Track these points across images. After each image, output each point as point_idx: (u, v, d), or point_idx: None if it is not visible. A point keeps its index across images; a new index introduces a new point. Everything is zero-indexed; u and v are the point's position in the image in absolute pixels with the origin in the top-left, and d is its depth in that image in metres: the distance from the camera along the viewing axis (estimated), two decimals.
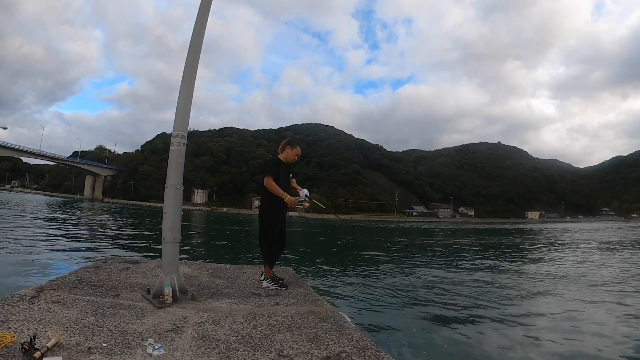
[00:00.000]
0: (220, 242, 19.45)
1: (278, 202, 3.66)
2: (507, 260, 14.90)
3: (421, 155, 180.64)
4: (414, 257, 15.03)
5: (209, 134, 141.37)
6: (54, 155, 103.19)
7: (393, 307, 6.64)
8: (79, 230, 17.58)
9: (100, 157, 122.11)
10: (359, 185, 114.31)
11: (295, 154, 3.91)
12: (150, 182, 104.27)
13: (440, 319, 5.94)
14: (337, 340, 2.34)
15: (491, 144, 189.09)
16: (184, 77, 3.31)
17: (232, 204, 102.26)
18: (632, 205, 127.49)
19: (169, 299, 2.86)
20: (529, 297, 7.82)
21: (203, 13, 3.45)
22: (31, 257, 8.85)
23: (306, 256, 13.63)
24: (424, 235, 33.25)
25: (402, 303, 6.95)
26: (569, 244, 24.22)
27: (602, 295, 8.04)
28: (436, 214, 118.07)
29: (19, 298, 2.57)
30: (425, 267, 12.03)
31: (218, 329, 2.41)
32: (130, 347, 2.00)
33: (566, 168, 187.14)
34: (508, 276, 10.45)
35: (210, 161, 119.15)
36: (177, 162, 3.21)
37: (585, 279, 10.09)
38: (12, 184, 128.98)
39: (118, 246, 12.89)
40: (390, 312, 6.28)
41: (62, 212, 33.18)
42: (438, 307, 6.70)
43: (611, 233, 39.18)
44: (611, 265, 12.98)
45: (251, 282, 3.90)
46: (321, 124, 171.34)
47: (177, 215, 3.17)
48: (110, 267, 4.00)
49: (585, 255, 16.99)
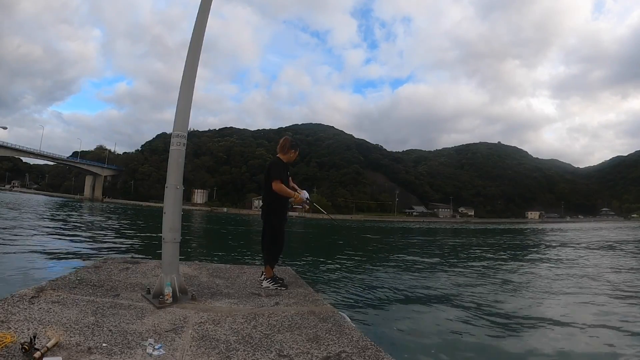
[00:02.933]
0: (220, 242, 19.45)
1: (283, 204, 3.73)
2: (508, 260, 14.90)
3: (421, 155, 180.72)
4: (414, 257, 15.03)
5: (209, 134, 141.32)
6: (54, 155, 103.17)
7: (393, 307, 6.64)
8: (79, 230, 17.57)
9: (100, 157, 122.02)
10: (359, 185, 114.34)
11: (296, 156, 4.00)
12: (150, 182, 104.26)
13: (441, 319, 5.94)
14: (337, 340, 2.34)
15: (491, 144, 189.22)
16: (184, 77, 3.31)
17: (232, 204, 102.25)
18: (632, 205, 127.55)
19: (169, 299, 2.86)
20: (530, 298, 7.81)
21: (203, 12, 3.43)
22: (31, 257, 8.85)
23: (306, 256, 13.63)
24: (424, 235, 33.25)
25: (403, 303, 6.95)
26: (569, 243, 24.21)
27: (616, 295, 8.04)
28: (436, 214, 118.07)
29: (19, 298, 2.57)
30: (425, 267, 12.03)
31: (218, 329, 2.41)
32: (130, 347, 2.00)
33: (566, 168, 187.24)
34: (509, 276, 10.44)
35: (210, 161, 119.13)
36: (177, 162, 3.21)
37: (588, 278, 10.09)
38: (12, 184, 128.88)
39: (118, 246, 12.89)
40: (391, 312, 6.28)
41: (62, 212, 33.17)
42: (438, 307, 6.70)
43: (611, 233, 39.18)
44: (617, 267, 12.98)
45: (251, 282, 3.90)
46: (321, 124, 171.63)
47: (177, 215, 3.17)
48: (110, 267, 4.00)
49: (584, 255, 16.99)
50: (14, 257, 8.67)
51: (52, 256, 9.40)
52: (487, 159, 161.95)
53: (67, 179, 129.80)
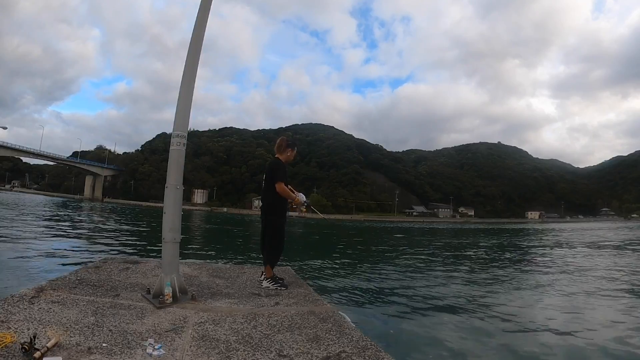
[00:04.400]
0: (220, 242, 19.45)
1: (283, 203, 3.78)
2: (508, 260, 14.89)
3: (421, 155, 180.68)
4: (414, 257, 15.02)
5: (209, 134, 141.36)
6: (54, 155, 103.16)
7: (393, 307, 6.62)
8: (79, 230, 17.57)
9: (100, 157, 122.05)
10: (359, 185, 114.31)
11: (294, 155, 4.04)
12: (150, 182, 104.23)
13: (441, 319, 5.94)
14: (337, 340, 2.34)
15: (491, 144, 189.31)
16: (184, 76, 3.30)
17: (232, 204, 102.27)
18: (632, 205, 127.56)
19: (169, 299, 2.86)
20: (531, 298, 7.81)
21: (203, 12, 3.43)
22: (31, 257, 8.85)
23: (306, 256, 13.62)
24: (424, 235, 33.25)
25: (403, 303, 6.94)
26: (569, 244, 24.21)
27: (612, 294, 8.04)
28: (436, 214, 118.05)
29: (19, 298, 2.57)
30: (425, 267, 12.03)
31: (218, 329, 2.41)
32: (130, 347, 2.00)
33: (566, 168, 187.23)
34: (509, 276, 10.44)
35: (210, 161, 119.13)
36: (177, 162, 3.21)
37: (586, 277, 10.09)
38: (12, 184, 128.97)
39: (118, 246, 12.88)
40: (391, 312, 6.27)
41: (62, 212, 33.17)
42: (439, 307, 6.69)
43: (612, 233, 39.18)
44: (618, 266, 12.99)
45: (251, 282, 3.90)
46: (321, 124, 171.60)
47: (177, 215, 3.17)
48: (110, 267, 4.00)
49: (585, 254, 16.99)
50: (14, 257, 8.66)
51: (52, 256, 9.39)
52: (487, 159, 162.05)
53: (67, 179, 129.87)
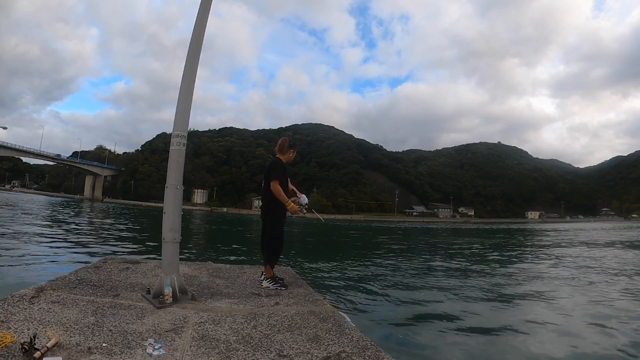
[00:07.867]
0: (220, 242, 19.45)
1: (282, 203, 3.74)
2: (508, 260, 14.89)
3: (421, 155, 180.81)
4: (414, 257, 15.03)
5: (208, 134, 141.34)
6: (54, 155, 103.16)
7: (393, 307, 6.63)
8: (79, 230, 17.57)
9: (100, 157, 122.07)
10: (359, 185, 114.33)
11: (294, 155, 4.02)
12: (150, 182, 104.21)
13: (442, 319, 5.94)
14: (337, 340, 2.34)
15: (491, 144, 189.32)
16: (184, 76, 3.30)
17: (232, 204, 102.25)
18: (632, 205, 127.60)
19: (169, 299, 2.86)
20: (532, 299, 7.81)
21: (204, 12, 3.42)
22: (31, 257, 8.84)
23: (306, 256, 13.62)
24: (425, 235, 33.25)
25: (403, 303, 6.94)
26: (570, 243, 24.22)
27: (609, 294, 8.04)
28: (436, 214, 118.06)
29: (19, 298, 2.57)
30: (425, 267, 12.02)
31: (218, 329, 2.41)
32: (130, 347, 2.00)
33: (566, 168, 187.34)
34: (509, 277, 10.44)
35: (210, 161, 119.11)
36: (177, 162, 3.21)
37: (583, 277, 10.09)
38: (12, 184, 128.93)
39: (118, 246, 12.87)
40: (391, 312, 6.27)
41: (62, 212, 33.17)
42: (439, 307, 6.69)
43: (611, 233, 39.18)
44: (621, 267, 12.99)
45: (251, 282, 3.90)
46: (321, 124, 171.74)
47: (177, 215, 3.17)
48: (110, 267, 4.00)
49: (584, 254, 16.99)
50: (14, 257, 8.66)
51: (52, 256, 9.39)
52: (487, 159, 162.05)
53: (67, 179, 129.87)
